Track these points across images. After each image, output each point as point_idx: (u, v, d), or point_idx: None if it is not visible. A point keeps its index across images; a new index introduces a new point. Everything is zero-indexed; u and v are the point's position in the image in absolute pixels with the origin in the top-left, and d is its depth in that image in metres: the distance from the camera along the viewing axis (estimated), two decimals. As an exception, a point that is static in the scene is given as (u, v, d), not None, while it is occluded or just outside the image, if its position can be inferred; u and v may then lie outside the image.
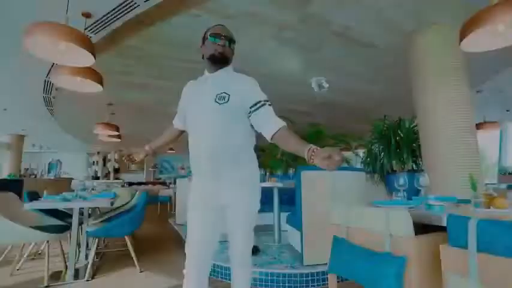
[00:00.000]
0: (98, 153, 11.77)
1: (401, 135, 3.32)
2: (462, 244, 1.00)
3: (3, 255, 2.37)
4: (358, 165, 4.07)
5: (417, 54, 3.07)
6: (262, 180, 3.81)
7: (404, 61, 3.28)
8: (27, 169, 11.11)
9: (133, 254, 2.79)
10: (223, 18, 2.81)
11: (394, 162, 3.27)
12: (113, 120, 5.89)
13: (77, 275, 2.55)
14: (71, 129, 8.10)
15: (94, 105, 5.59)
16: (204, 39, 1.39)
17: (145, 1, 2.84)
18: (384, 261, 1.21)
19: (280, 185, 3.44)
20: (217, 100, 1.27)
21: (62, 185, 8.24)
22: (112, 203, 2.73)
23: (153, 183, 11.06)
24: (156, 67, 3.90)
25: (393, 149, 3.27)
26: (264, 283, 2.37)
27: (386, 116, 3.84)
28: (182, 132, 1.59)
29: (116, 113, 6.10)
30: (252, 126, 1.33)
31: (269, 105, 1.31)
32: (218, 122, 1.27)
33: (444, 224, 1.13)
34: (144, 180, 12.18)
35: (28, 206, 2.39)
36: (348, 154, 5.61)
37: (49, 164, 12.91)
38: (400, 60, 3.67)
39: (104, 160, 12.52)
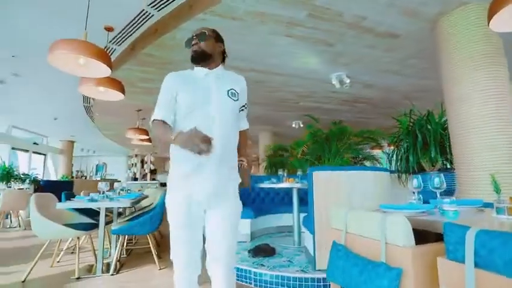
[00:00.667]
0: (136, 155, 12.61)
1: (436, 129, 3.00)
2: (459, 257, 0.87)
3: (43, 249, 2.63)
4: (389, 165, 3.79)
5: (444, 40, 2.77)
6: (279, 181, 3.75)
7: (431, 49, 2.98)
8: (78, 171, 12.39)
9: (154, 252, 2.93)
10: (231, 20, 2.83)
11: (422, 160, 2.98)
12: (145, 124, 6.28)
13: (107, 269, 2.75)
14: (109, 134, 8.81)
15: (125, 111, 6.00)
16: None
17: (158, 11, 2.98)
18: (377, 272, 1.10)
19: (298, 185, 3.36)
20: (230, 96, 1.34)
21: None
22: (133, 204, 2.89)
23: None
24: (170, 71, 4.06)
25: (420, 146, 2.98)
26: (274, 286, 2.32)
27: (416, 109, 3.52)
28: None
29: (146, 118, 6.49)
30: None
31: (246, 108, 1.50)
32: (230, 117, 1.34)
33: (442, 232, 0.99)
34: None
35: (59, 205, 2.65)
36: (376, 153, 5.27)
37: (96, 166, 14.25)
38: (426, 49, 3.34)
39: (142, 162, 13.39)
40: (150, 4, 2.87)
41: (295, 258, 2.78)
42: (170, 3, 2.84)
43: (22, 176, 7.04)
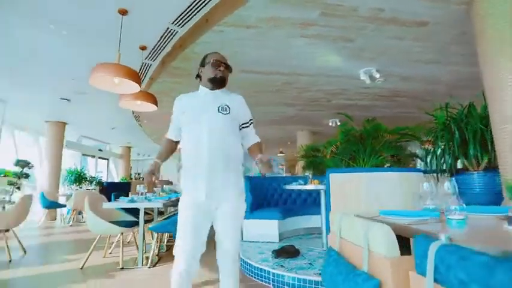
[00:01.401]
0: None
1: (474, 124, 2.65)
2: (424, 272, 0.82)
3: (95, 242, 3.08)
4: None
5: (479, 21, 2.44)
6: (307, 182, 3.72)
7: (472, 33, 2.64)
8: (135, 173, 13.87)
9: None
10: (246, 29, 2.93)
11: (461, 159, 2.66)
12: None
13: (147, 262, 3.09)
14: (156, 139, 9.68)
15: (164, 120, 6.55)
16: (205, 63, 1.62)
17: (181, 27, 3.23)
18: (356, 282, 1.08)
19: (322, 187, 3.30)
20: (220, 111, 1.53)
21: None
22: (165, 205, 3.19)
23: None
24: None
25: (457, 144, 2.66)
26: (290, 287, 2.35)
27: (458, 101, 3.14)
28: (177, 143, 1.72)
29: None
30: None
31: (252, 123, 1.68)
32: (222, 128, 1.51)
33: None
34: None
35: (105, 205, 3.08)
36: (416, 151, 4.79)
37: (151, 168, 15.73)
38: (467, 33, 2.97)
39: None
40: (173, 22, 3.14)
41: (317, 261, 2.75)
42: (190, 19, 3.07)
43: (90, 179, 8.24)
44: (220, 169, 1.47)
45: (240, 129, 1.62)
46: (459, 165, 3.06)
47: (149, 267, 3.02)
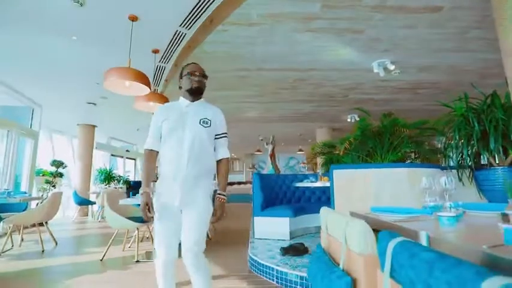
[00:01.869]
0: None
1: (497, 115, 2.42)
2: (383, 270, 0.77)
3: (113, 236, 3.29)
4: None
5: (498, 2, 2.21)
6: (317, 179, 3.65)
7: (492, 16, 2.41)
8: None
9: None
10: (249, 27, 2.94)
11: (483, 153, 2.44)
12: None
13: None
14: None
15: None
16: (182, 74, 1.70)
17: (188, 29, 3.32)
18: (331, 279, 1.05)
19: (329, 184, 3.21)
20: (201, 123, 1.62)
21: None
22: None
23: (251, 182, 12.11)
24: (214, 80, 4.40)
25: (477, 137, 2.44)
26: (293, 285, 2.33)
27: (481, 91, 2.89)
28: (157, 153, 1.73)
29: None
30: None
31: (226, 137, 1.73)
32: (202, 140, 1.59)
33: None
34: (243, 180, 13.50)
35: (121, 202, 3.27)
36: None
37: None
38: (490, 15, 2.70)
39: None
40: (181, 25, 3.24)
41: (323, 260, 2.69)
42: (196, 21, 3.14)
43: (118, 178, 8.76)
44: (196, 177, 1.57)
45: (214, 139, 1.70)
46: (483, 160, 2.82)
47: (162, 261, 3.15)
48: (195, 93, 1.64)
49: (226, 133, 1.72)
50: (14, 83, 4.86)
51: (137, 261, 3.14)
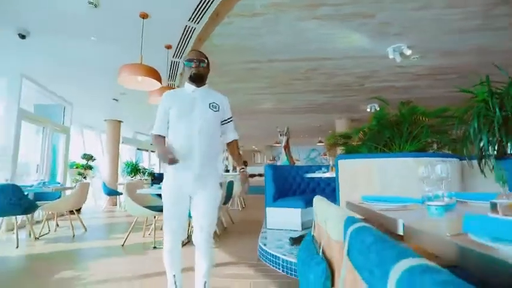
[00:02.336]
0: (226, 150, 14.18)
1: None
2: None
3: (133, 224, 3.53)
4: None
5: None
6: (329, 170, 3.60)
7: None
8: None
9: (216, 231, 3.43)
10: (254, 17, 2.94)
11: (505, 140, 2.25)
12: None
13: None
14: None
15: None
16: (184, 64, 1.75)
17: (197, 23, 3.39)
18: (309, 265, 1.06)
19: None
20: (211, 107, 1.69)
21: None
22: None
23: (271, 174, 12.13)
24: (226, 74, 4.46)
25: (499, 123, 2.25)
26: (297, 274, 2.36)
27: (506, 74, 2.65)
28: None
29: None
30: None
31: (232, 120, 1.83)
32: (211, 124, 1.66)
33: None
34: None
35: (138, 191, 3.47)
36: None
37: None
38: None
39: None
40: (189, 19, 3.31)
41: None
42: (203, 15, 3.19)
43: (143, 170, 9.24)
44: (207, 160, 1.64)
45: (222, 124, 1.78)
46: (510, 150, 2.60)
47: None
48: (197, 80, 1.68)
49: (232, 117, 1.82)
50: (47, 83, 5.27)
51: (154, 247, 3.34)
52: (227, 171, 14.07)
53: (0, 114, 4.62)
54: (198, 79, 1.69)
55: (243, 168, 1.81)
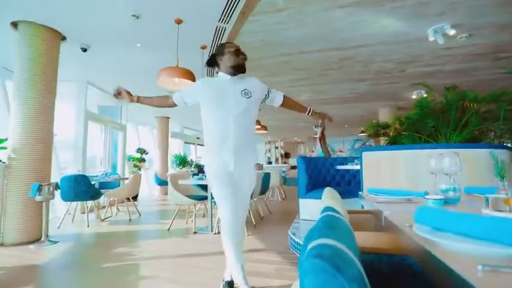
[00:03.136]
0: (269, 142, 14.39)
1: None
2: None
3: (176, 211, 3.96)
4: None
5: None
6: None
7: None
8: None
9: (252, 220, 3.67)
10: (279, 13, 2.99)
11: None
12: (260, 116, 7.27)
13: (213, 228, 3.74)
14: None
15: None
16: (224, 52, 1.79)
17: (226, 23, 3.56)
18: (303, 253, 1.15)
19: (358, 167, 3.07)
20: (243, 94, 1.76)
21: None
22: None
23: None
24: (260, 68, 4.57)
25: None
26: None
27: None
28: (173, 106, 1.97)
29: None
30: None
31: (271, 91, 1.92)
32: (244, 110, 1.74)
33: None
34: (306, 163, 13.39)
35: (180, 182, 3.86)
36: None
37: (242, 152, 17.39)
38: None
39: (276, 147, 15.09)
40: (219, 20, 3.50)
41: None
42: (231, 15, 3.34)
43: (190, 162, 9.98)
44: (243, 146, 1.73)
45: (266, 98, 1.89)
46: None
47: (214, 234, 3.62)
48: (240, 69, 1.76)
49: (269, 89, 1.90)
50: (106, 87, 6.06)
51: (195, 232, 3.70)
52: (269, 163, 14.38)
53: (72, 115, 5.49)
54: (242, 69, 1.78)
55: (311, 110, 2.02)
